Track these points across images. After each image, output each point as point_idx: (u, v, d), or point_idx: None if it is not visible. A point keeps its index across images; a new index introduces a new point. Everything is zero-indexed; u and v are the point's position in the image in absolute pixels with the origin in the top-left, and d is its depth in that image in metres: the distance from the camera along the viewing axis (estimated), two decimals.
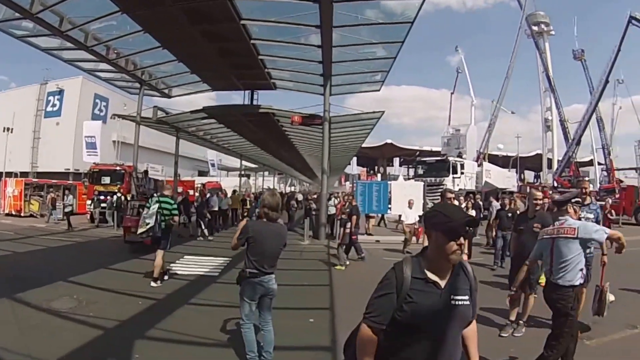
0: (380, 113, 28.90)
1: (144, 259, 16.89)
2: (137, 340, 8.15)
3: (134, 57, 24.76)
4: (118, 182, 32.33)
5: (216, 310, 10.27)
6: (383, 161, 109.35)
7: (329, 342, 8.43)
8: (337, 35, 19.28)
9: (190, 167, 76.11)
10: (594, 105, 63.57)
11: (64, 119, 60.86)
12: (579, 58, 72.89)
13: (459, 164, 45.53)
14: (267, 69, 24.67)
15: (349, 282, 14.12)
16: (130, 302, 10.76)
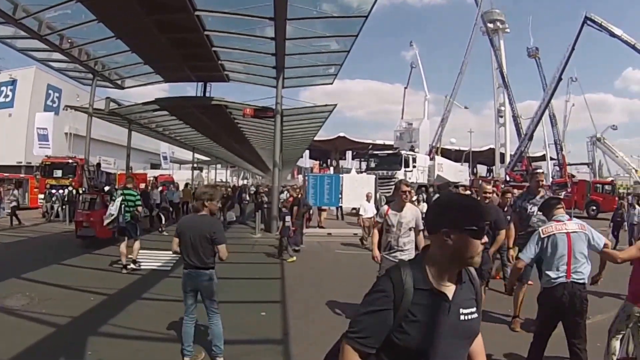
0: (333, 106, 29.11)
1: (96, 253, 16.98)
2: (90, 337, 8.12)
3: (88, 47, 24.37)
4: (70, 175, 32.44)
5: (168, 305, 10.17)
6: (336, 154, 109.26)
7: (281, 335, 8.59)
8: (292, 28, 19.29)
9: (143, 160, 75.16)
10: (546, 101, 64.98)
11: (17, 110, 59.21)
12: (533, 56, 74.36)
13: (411, 157, 45.65)
14: (221, 60, 24.56)
15: (301, 274, 14.25)
16: (83, 298, 10.70)
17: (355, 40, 20.71)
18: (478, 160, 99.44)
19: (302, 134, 41.12)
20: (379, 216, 9.03)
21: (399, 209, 8.55)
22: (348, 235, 23.36)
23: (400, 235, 8.38)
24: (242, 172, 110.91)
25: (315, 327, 8.97)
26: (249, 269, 14.52)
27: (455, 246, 2.57)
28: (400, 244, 8.37)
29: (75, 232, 19.25)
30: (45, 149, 38.91)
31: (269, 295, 11.73)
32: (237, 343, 8.03)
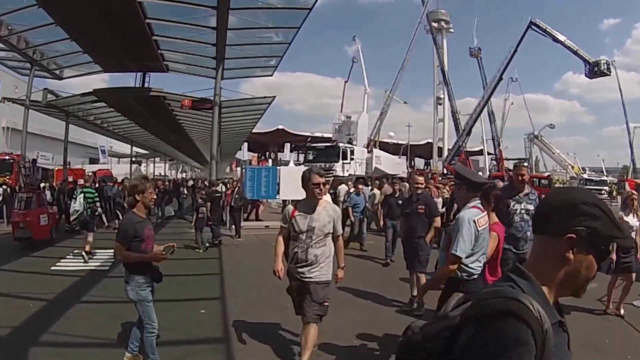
0: (271, 98, 29.44)
1: (34, 256, 16.50)
2: (31, 348, 7.90)
3: (27, 34, 23.82)
4: (7, 172, 31.68)
5: (109, 308, 10.06)
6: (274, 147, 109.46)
7: (222, 333, 8.58)
8: (234, 18, 19.37)
9: (81, 155, 73.41)
10: (486, 99, 67.09)
11: None
12: (475, 55, 76.78)
13: (349, 150, 46.44)
14: (161, 50, 24.34)
15: (240, 269, 14.27)
16: (21, 305, 10.33)
17: (297, 32, 20.93)
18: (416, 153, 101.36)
19: (240, 126, 41.33)
20: (283, 219, 6.90)
21: (310, 210, 6.49)
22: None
23: (310, 245, 6.39)
24: (180, 166, 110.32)
25: (256, 324, 8.91)
26: (187, 265, 14.26)
27: (586, 264, 1.83)
28: (310, 256, 6.39)
29: (12, 234, 18.20)
30: None
31: (208, 292, 11.64)
32: (179, 343, 8.09)
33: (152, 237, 6.85)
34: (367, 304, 10.49)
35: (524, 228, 8.22)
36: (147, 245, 6.69)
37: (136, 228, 6.55)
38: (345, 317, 9.02)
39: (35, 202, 18.62)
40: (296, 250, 6.53)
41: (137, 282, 6.51)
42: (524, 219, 8.20)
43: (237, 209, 21.66)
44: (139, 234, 6.54)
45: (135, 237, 6.53)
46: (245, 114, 34.18)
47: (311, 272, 6.47)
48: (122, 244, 6.50)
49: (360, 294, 11.10)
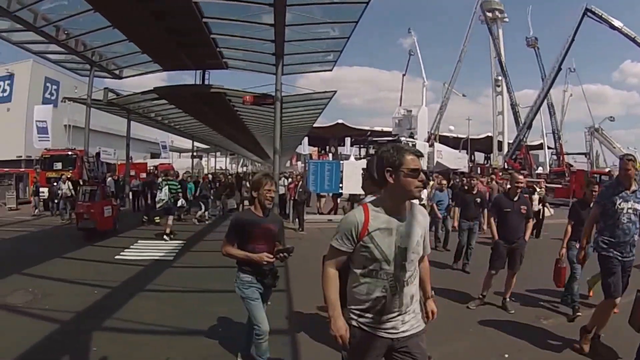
0: (332, 93, 28.98)
1: (98, 245, 16.93)
2: (95, 332, 8.01)
3: (84, 37, 24.21)
4: (70, 167, 32.18)
5: (172, 297, 10.28)
6: (334, 141, 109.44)
7: (287, 325, 8.55)
8: (291, 15, 19.12)
9: (143, 150, 75.10)
10: (545, 91, 65.36)
11: (15, 105, 59.28)
12: (532, 45, 74.95)
13: (410, 144, 45.02)
14: (219, 48, 24.31)
15: (304, 262, 13.41)
16: (86, 291, 10.60)
17: (355, 26, 20.44)
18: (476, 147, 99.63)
19: (301, 120, 40.99)
20: (343, 237, 3.98)
21: (396, 217, 3.88)
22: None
23: (405, 281, 3.88)
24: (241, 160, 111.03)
25: (321, 317, 8.68)
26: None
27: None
28: (406, 299, 3.92)
29: (76, 224, 19.12)
30: (44, 142, 38.88)
31: None
32: (241, 335, 7.67)
33: (265, 237, 6.34)
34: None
35: (632, 231, 7.34)
36: (258, 244, 6.23)
37: (244, 226, 6.24)
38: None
39: (99, 194, 19.34)
40: (379, 295, 3.83)
41: (242, 279, 6.29)
42: (632, 219, 7.32)
43: (300, 203, 21.74)
44: (248, 231, 6.22)
45: (243, 235, 6.24)
46: (305, 108, 34.01)
47: (406, 322, 3.94)
48: (226, 240, 6.29)
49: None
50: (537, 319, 9.05)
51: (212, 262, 12.94)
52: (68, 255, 15.28)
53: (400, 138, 47.38)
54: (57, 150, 35.84)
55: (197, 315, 9.02)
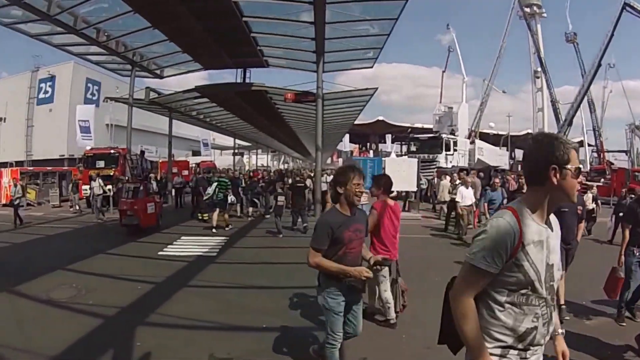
0: (373, 89, 28.88)
1: (141, 242, 17.16)
2: (138, 327, 8.10)
3: (125, 38, 24.63)
4: (113, 165, 32.45)
5: (215, 292, 10.30)
6: (375, 138, 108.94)
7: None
8: (330, 12, 19.08)
9: (184, 147, 75.78)
10: (586, 87, 64.06)
11: (57, 105, 60.34)
12: (572, 41, 73.56)
13: (451, 141, 45.62)
14: (260, 46, 24.53)
15: None
16: (130, 287, 10.73)
17: (395, 23, 20.36)
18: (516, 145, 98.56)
19: (342, 117, 40.97)
20: (494, 253, 2.32)
21: (542, 225, 3.06)
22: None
23: (552, 306, 3.14)
24: (282, 157, 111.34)
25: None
26: (292, 253, 14.01)
27: None
28: (551, 327, 3.20)
29: (119, 220, 19.42)
30: (87, 141, 39.65)
31: (313, 280, 11.01)
32: (288, 330, 7.97)
33: (357, 238, 5.46)
34: None
35: None
36: (350, 250, 5.39)
37: (333, 229, 5.26)
38: None
39: (142, 191, 19.65)
40: (529, 327, 3.04)
41: (328, 289, 5.45)
42: None
43: None
44: (338, 236, 5.28)
45: (334, 239, 5.28)
46: (346, 105, 33.95)
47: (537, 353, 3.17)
48: (314, 250, 5.30)
49: None
50: (581, 320, 8.79)
51: (256, 258, 13.04)
52: (111, 251, 15.46)
53: (442, 135, 47.07)
54: (99, 148, 36.17)
55: (241, 310, 9.04)
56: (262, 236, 18.93)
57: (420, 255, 14.49)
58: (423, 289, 9.52)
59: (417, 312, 8.52)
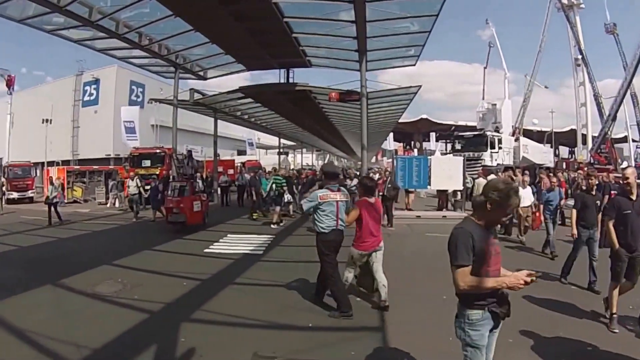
0: (417, 88, 28.70)
1: (187, 239, 17.40)
2: (183, 323, 8.19)
3: (167, 41, 24.97)
4: (158, 164, 33.53)
5: (261, 290, 10.33)
6: (419, 136, 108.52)
7: (377, 322, 8.32)
8: (369, 10, 18.93)
9: (229, 147, 76.65)
10: (628, 80, 62.47)
11: (102, 107, 62.07)
12: (611, 32, 71.88)
13: (496, 138, 45.09)
14: (302, 46, 24.55)
15: (393, 258, 13.04)
16: (175, 283, 10.88)
17: (436, 19, 20.09)
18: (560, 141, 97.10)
19: (386, 116, 40.75)
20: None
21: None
22: (437, 217, 23.22)
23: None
24: (327, 156, 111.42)
25: (414, 313, 8.71)
26: (341, 252, 14.23)
27: None
28: None
29: (165, 218, 19.90)
30: (133, 141, 40.96)
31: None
32: (332, 329, 7.97)
33: (495, 256, 4.51)
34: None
35: None
36: (492, 269, 4.47)
37: (474, 241, 4.34)
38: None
39: (188, 190, 20.03)
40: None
41: (470, 318, 4.51)
42: None
43: (389, 199, 21.47)
44: (479, 251, 4.36)
45: (477, 255, 4.35)
46: (390, 104, 33.85)
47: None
48: (460, 267, 4.32)
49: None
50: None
51: (301, 257, 12.98)
52: (157, 248, 15.80)
53: (486, 132, 46.62)
54: (145, 148, 37.25)
55: (287, 309, 9.02)
56: (308, 235, 18.04)
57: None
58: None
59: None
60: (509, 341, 6.76)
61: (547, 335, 7.55)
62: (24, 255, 15.34)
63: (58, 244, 17.40)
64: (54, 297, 10.02)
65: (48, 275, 11.70)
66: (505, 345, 5.91)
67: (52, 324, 8.15)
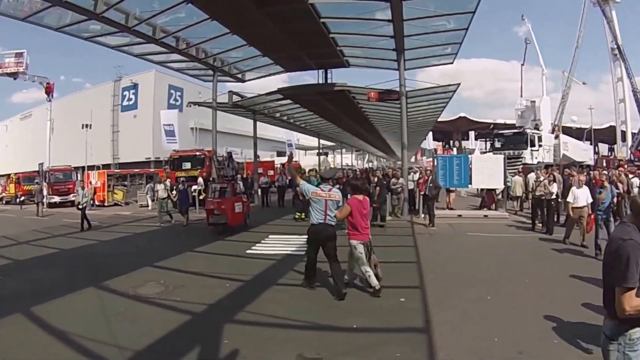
0: (456, 85, 28.37)
1: (229, 240, 17.48)
2: (226, 324, 8.20)
3: (204, 45, 25.26)
4: (198, 166, 34.08)
5: (304, 291, 10.26)
6: (458, 135, 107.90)
7: (422, 323, 8.13)
8: (406, 9, 18.91)
9: (269, 148, 77.04)
10: None
11: (141, 112, 63.24)
12: None
13: (536, 136, 44.64)
14: (339, 46, 24.66)
15: (436, 259, 13.74)
16: (217, 284, 10.90)
17: (472, 16, 20.01)
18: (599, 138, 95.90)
19: (425, 115, 40.59)
20: None
21: None
22: (478, 217, 23.06)
23: None
24: (366, 156, 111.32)
25: (459, 313, 8.56)
26: (382, 252, 13.48)
27: None
28: None
29: (206, 220, 19.89)
30: (173, 144, 41.70)
31: (405, 280, 11.23)
32: (377, 330, 7.88)
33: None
34: None
35: None
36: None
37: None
38: None
39: (229, 191, 20.13)
40: None
41: (632, 337, 3.92)
42: None
43: (431, 198, 21.35)
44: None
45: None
46: (429, 103, 33.64)
47: None
48: (627, 290, 3.73)
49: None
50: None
51: (345, 257, 13.06)
52: (199, 249, 15.85)
53: (526, 130, 46.16)
54: (185, 151, 37.73)
55: (330, 309, 8.98)
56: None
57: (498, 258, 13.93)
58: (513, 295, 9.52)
59: (510, 315, 8.36)
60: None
61: None
62: (66, 258, 15.61)
63: (100, 247, 17.62)
64: (95, 298, 10.10)
65: (90, 277, 11.85)
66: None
67: (94, 325, 8.25)
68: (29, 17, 18.96)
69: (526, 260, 13.47)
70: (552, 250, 14.80)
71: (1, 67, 51.20)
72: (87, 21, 19.69)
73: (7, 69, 51.10)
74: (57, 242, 18.65)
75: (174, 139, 42.78)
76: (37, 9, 18.56)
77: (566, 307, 8.53)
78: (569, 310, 8.38)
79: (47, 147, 47.71)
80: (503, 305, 8.89)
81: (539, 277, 10.95)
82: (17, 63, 50.80)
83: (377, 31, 22.27)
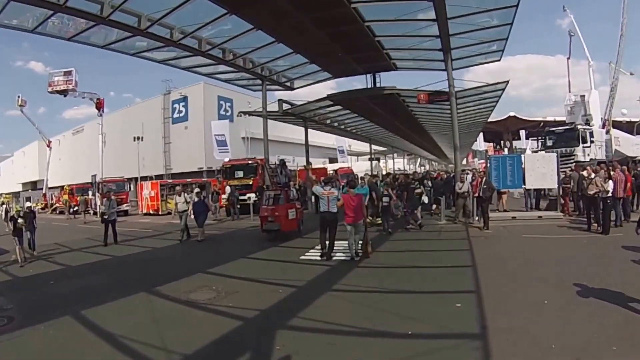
0: (505, 83, 27.36)
1: (283, 246, 17.63)
2: (279, 331, 8.19)
3: (251, 55, 25.51)
4: (251, 175, 34.71)
5: (358, 296, 10.23)
6: (508, 135, 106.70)
7: (479, 329, 7.97)
8: (448, 7, 18.77)
9: (320, 155, 77.05)
10: None
11: (192, 123, 63.81)
12: None
13: (588, 132, 43.25)
14: (385, 49, 24.57)
15: (491, 262, 13.62)
16: (271, 290, 10.96)
17: (516, 10, 19.58)
18: None
19: (474, 115, 39.91)
20: None
21: None
22: (532, 218, 22.60)
23: None
24: (418, 159, 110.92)
25: (515, 319, 8.36)
26: (437, 257, 14.15)
27: None
28: None
29: (260, 227, 20.06)
30: (224, 154, 42.76)
31: (460, 284, 11.01)
32: (433, 337, 7.82)
33: None
34: None
35: None
36: None
37: None
38: None
39: (283, 198, 20.42)
40: None
41: None
42: None
43: (485, 200, 21.08)
44: None
45: None
46: (477, 103, 32.91)
47: None
48: None
49: None
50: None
51: (399, 262, 12.92)
52: (252, 255, 16.13)
53: (577, 126, 45.16)
54: (237, 160, 38.38)
55: (385, 316, 8.86)
56: (405, 239, 18.66)
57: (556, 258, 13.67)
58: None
59: (569, 320, 8.15)
60: None
61: None
62: (119, 264, 16.13)
63: (153, 253, 18.22)
64: (147, 303, 10.38)
65: (142, 283, 12.18)
66: None
67: (145, 329, 8.47)
68: (74, 37, 19.53)
69: (584, 262, 13.06)
70: (611, 252, 14.30)
71: (51, 86, 52.27)
72: (133, 37, 20.20)
73: (57, 87, 52.16)
74: (110, 250, 19.35)
75: (226, 149, 43.65)
76: (82, 28, 19.04)
77: (623, 313, 8.35)
78: (630, 316, 8.21)
79: (100, 160, 48.70)
80: (561, 310, 8.71)
81: (598, 281, 10.46)
82: (67, 81, 51.80)
83: (422, 32, 22.15)
